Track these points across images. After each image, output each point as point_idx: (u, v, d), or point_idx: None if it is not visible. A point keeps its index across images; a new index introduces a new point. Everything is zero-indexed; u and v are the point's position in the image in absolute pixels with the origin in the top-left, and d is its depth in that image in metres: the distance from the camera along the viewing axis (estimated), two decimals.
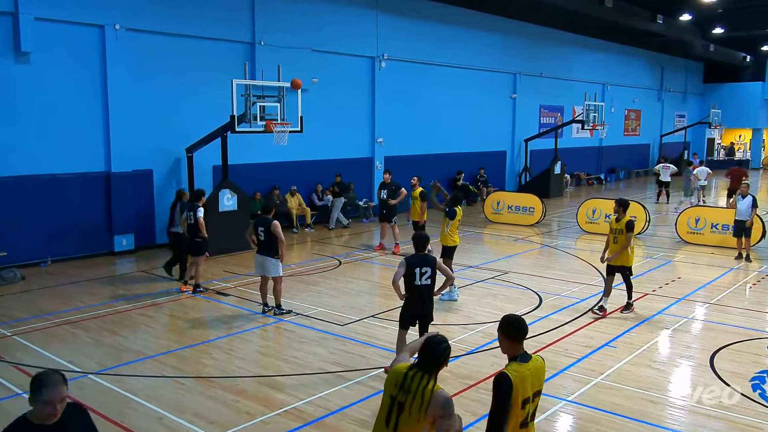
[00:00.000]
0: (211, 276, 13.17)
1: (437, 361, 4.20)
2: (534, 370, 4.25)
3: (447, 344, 4.27)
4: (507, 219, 20.38)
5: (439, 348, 4.22)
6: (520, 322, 4.38)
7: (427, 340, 4.28)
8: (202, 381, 7.90)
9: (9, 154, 13.64)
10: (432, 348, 4.21)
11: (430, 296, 7.93)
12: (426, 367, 4.19)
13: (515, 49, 26.66)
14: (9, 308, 11.03)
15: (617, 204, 10.94)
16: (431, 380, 4.14)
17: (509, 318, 4.39)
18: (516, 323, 4.35)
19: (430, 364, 4.19)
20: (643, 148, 38.40)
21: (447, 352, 4.24)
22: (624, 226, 10.58)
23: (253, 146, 16.77)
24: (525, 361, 4.26)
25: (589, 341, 9.30)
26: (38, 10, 13.54)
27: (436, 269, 7.86)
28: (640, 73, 36.56)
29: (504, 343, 4.34)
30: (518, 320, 4.39)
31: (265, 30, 17.56)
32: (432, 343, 4.24)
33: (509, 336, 4.31)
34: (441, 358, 4.20)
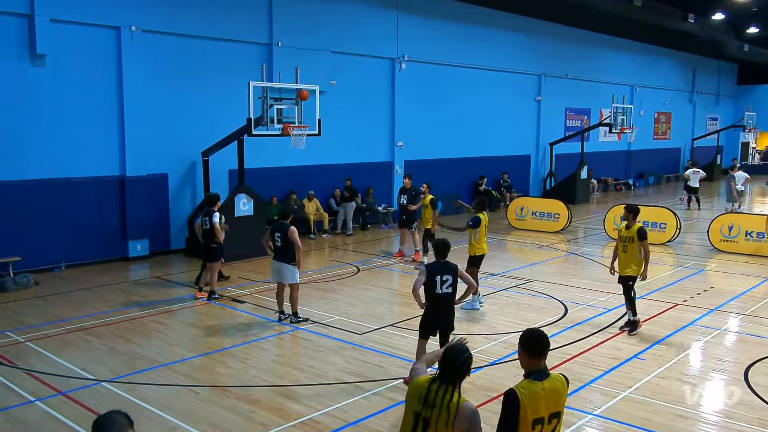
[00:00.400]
0: (227, 282, 13.04)
1: (459, 372, 4.04)
2: (550, 391, 4.02)
3: (468, 353, 4.11)
4: (531, 225, 19.98)
5: (460, 358, 4.05)
6: (541, 336, 4.16)
7: (446, 351, 4.13)
8: (217, 390, 7.82)
9: (24, 158, 13.59)
10: (452, 358, 4.05)
11: (451, 305, 7.79)
12: (448, 378, 4.03)
13: (540, 50, 26.21)
14: (22, 314, 11.03)
15: (626, 210, 10.26)
16: (455, 392, 3.98)
17: (530, 332, 4.20)
18: (536, 338, 4.14)
19: (452, 376, 4.03)
20: (673, 152, 37.63)
21: (468, 362, 4.08)
22: (636, 234, 9.82)
23: (270, 150, 16.60)
24: (540, 379, 4.04)
25: (616, 353, 9.05)
26: (54, 12, 13.49)
27: (457, 277, 7.71)
28: (670, 75, 35.86)
29: (522, 358, 4.15)
30: (539, 335, 4.16)
31: (282, 31, 17.35)
32: (452, 353, 4.08)
33: (528, 351, 4.11)
34: (462, 368, 4.04)
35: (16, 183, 13.48)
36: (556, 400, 4.07)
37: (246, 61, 16.64)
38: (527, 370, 4.10)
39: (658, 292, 12.50)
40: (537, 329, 4.25)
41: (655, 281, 13.33)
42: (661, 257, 16.20)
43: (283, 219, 10.46)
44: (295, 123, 14.30)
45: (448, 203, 22.62)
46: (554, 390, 4.05)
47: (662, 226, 17.64)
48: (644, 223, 17.71)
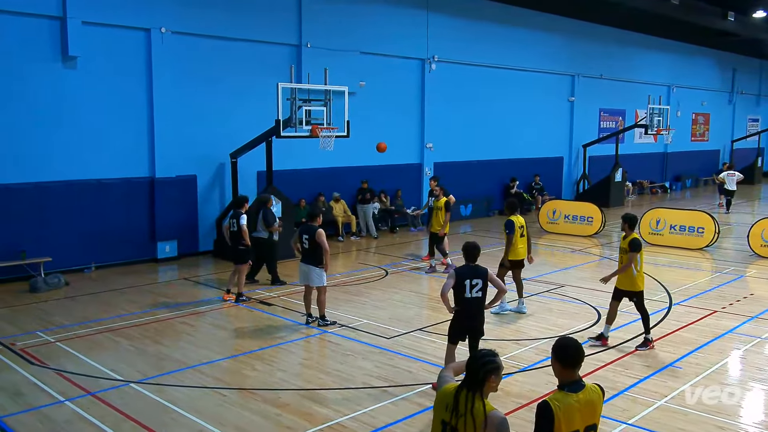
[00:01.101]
0: (255, 285, 13.06)
1: (479, 377, 3.91)
2: (585, 402, 3.91)
3: (490, 358, 3.97)
4: (563, 229, 19.63)
5: (479, 362, 3.95)
6: (575, 346, 4.02)
7: (470, 356, 4.07)
8: (244, 393, 7.82)
9: (55, 159, 13.76)
10: (474, 363, 3.96)
11: (481, 310, 7.69)
12: (472, 385, 3.92)
13: (574, 50, 25.82)
14: (53, 314, 11.16)
15: (623, 220, 9.77)
16: (479, 399, 3.88)
17: (563, 341, 4.09)
18: (569, 347, 4.01)
19: (474, 382, 3.92)
20: (712, 154, 36.77)
21: (489, 367, 3.92)
22: (627, 245, 9.30)
23: (299, 151, 16.55)
24: (574, 390, 3.92)
25: (651, 361, 8.87)
26: (85, 15, 13.64)
27: (487, 281, 7.60)
28: (709, 75, 35.06)
29: (556, 368, 4.04)
30: (572, 344, 4.03)
31: (311, 32, 17.33)
32: (474, 358, 4.01)
33: (561, 361, 4.00)
34: (481, 373, 3.90)
35: (48, 184, 13.63)
36: (592, 412, 3.95)
37: (275, 62, 16.64)
38: (561, 381, 3.97)
39: (696, 298, 12.17)
40: (570, 338, 4.13)
41: (693, 287, 13.04)
42: (699, 263, 15.79)
43: (312, 221, 10.41)
44: (323, 124, 14.27)
45: (478, 206, 22.40)
46: (589, 402, 3.93)
47: (700, 231, 17.16)
48: (681, 228, 17.35)
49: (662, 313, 11.09)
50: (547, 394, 7.72)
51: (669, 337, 9.84)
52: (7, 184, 13.12)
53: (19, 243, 13.16)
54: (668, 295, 12.24)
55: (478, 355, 4.01)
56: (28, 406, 7.38)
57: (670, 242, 17.37)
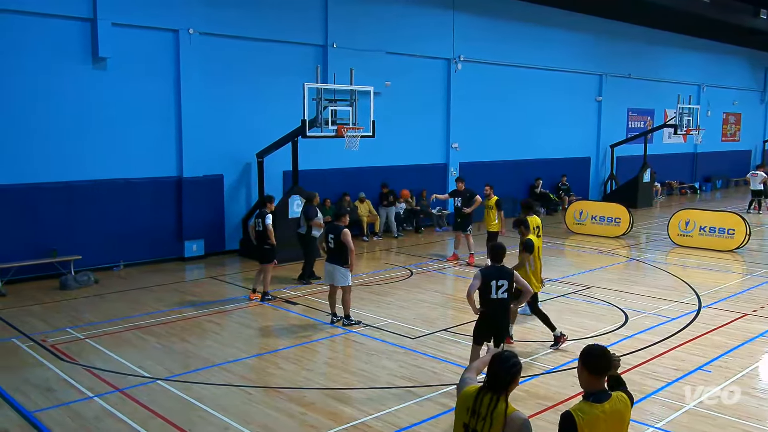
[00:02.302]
0: (280, 284, 13.07)
1: (505, 381, 3.88)
2: (611, 413, 3.78)
3: (515, 360, 3.95)
4: (590, 230, 19.41)
5: (506, 365, 3.90)
6: (604, 354, 3.93)
7: (493, 358, 4.00)
8: (269, 391, 7.87)
9: (85, 158, 13.95)
10: (498, 366, 3.91)
11: (506, 311, 7.69)
12: (495, 387, 3.88)
13: (601, 49, 25.52)
14: (82, 311, 11.34)
15: (514, 224, 9.88)
16: (503, 402, 3.84)
17: (593, 349, 3.97)
18: (599, 356, 3.91)
19: (499, 384, 3.87)
20: (743, 154, 36.08)
21: (515, 369, 3.91)
22: (521, 246, 9.39)
23: (324, 151, 16.58)
24: (600, 401, 3.81)
25: (680, 364, 8.74)
26: (115, 16, 13.81)
27: (513, 282, 7.59)
28: (740, 74, 34.41)
29: (583, 376, 3.93)
30: (602, 351, 3.94)
31: (337, 32, 17.36)
32: (499, 360, 3.94)
33: (589, 368, 3.89)
34: (509, 376, 3.88)
35: (78, 183, 13.84)
36: (619, 423, 3.84)
37: (301, 62, 16.70)
38: (586, 391, 3.88)
39: (726, 301, 11.95)
40: (600, 345, 4.02)
41: (722, 290, 12.81)
42: (729, 265, 15.52)
43: (338, 221, 10.45)
44: (349, 124, 14.30)
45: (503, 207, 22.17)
46: (616, 411, 3.81)
47: (730, 232, 16.86)
48: (711, 229, 17.07)
49: (691, 315, 10.92)
50: (572, 398, 7.74)
51: (698, 340, 9.69)
52: (39, 184, 13.35)
53: (50, 241, 13.38)
54: (697, 298, 12.05)
55: (503, 357, 3.95)
56: (58, 401, 7.50)
57: (700, 244, 17.09)
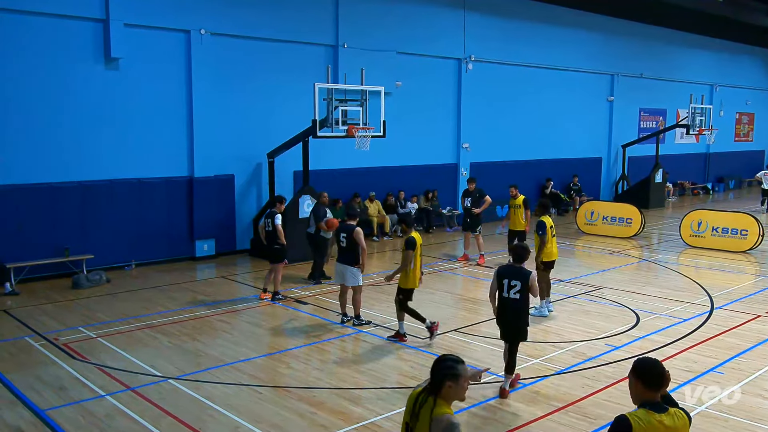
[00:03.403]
0: (291, 284, 13.10)
1: (436, 381, 3.79)
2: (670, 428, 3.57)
3: (449, 363, 3.83)
4: (602, 230, 19.31)
5: (439, 366, 3.84)
6: (663, 369, 3.76)
7: (435, 359, 3.93)
8: (279, 391, 7.88)
9: (97, 158, 14.04)
10: (434, 366, 3.86)
11: (518, 312, 7.64)
12: (431, 388, 3.83)
13: (613, 49, 25.39)
14: (94, 310, 11.40)
15: (397, 222, 9.95)
16: (436, 403, 3.76)
17: (649, 363, 3.79)
18: (656, 370, 3.74)
19: (433, 385, 3.81)
20: (756, 154, 35.81)
21: (448, 372, 3.78)
22: (403, 243, 9.60)
23: (335, 151, 16.60)
24: (657, 411, 3.61)
25: (692, 365, 8.66)
26: (128, 17, 13.90)
27: (528, 285, 7.55)
28: (753, 73, 34.15)
29: (637, 388, 3.75)
30: (659, 367, 3.77)
31: (348, 32, 17.38)
32: (436, 361, 3.90)
33: (645, 382, 3.72)
34: (439, 376, 3.78)
35: (90, 183, 13.94)
36: None
37: (312, 62, 16.74)
38: (641, 401, 3.71)
39: (739, 302, 11.85)
40: (655, 359, 3.88)
41: (735, 291, 12.70)
42: (742, 266, 15.40)
43: (350, 220, 10.45)
44: (359, 125, 14.30)
45: None
46: (674, 429, 3.60)
47: (743, 233, 16.72)
48: (723, 230, 16.95)
49: (703, 317, 10.85)
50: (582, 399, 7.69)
51: (710, 341, 9.61)
52: (52, 183, 13.45)
53: (63, 240, 13.48)
54: (710, 299, 11.97)
55: (440, 359, 3.90)
56: (70, 399, 7.55)
57: (712, 245, 16.97)
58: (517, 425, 6.93)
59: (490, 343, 9.54)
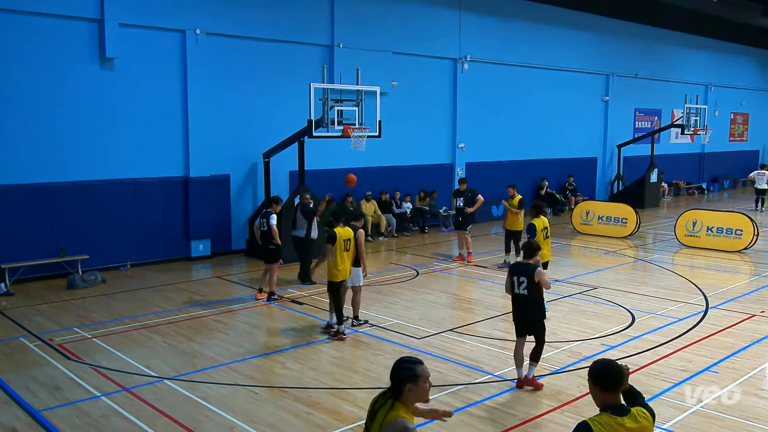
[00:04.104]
0: (287, 284, 13.09)
1: (395, 383, 3.74)
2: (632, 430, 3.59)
3: (408, 365, 3.78)
4: (597, 230, 19.34)
5: (397, 368, 3.80)
6: (617, 370, 3.74)
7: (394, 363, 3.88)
8: (275, 391, 7.87)
9: (93, 158, 14.02)
10: (393, 369, 3.82)
11: (528, 306, 7.84)
12: (391, 391, 3.77)
13: (608, 49, 25.44)
14: (90, 310, 11.37)
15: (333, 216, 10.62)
16: (392, 406, 3.71)
17: (603, 366, 3.77)
18: (611, 372, 3.73)
19: (392, 387, 3.76)
20: (751, 154, 35.88)
21: (404, 374, 3.74)
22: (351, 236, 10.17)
23: (331, 151, 16.56)
24: (619, 413, 3.63)
25: (687, 365, 8.69)
26: (123, 17, 13.88)
27: (534, 279, 7.72)
28: (748, 73, 34.25)
29: (596, 394, 3.75)
30: (614, 368, 3.75)
31: (344, 32, 17.38)
32: (395, 363, 3.85)
33: (602, 386, 3.71)
34: (397, 378, 3.74)
35: (86, 183, 13.90)
36: None
37: (307, 62, 16.71)
38: (603, 405, 3.71)
39: (734, 302, 11.89)
40: (609, 360, 3.87)
41: (730, 291, 12.74)
42: (737, 265, 15.44)
43: (355, 221, 10.43)
44: (355, 124, 14.29)
45: None
46: (639, 430, 3.61)
47: (738, 233, 16.77)
48: (718, 230, 17.00)
49: (698, 316, 10.87)
50: (579, 398, 7.70)
51: (705, 341, 9.64)
52: (48, 183, 13.42)
53: (59, 240, 13.45)
54: (705, 299, 12.00)
55: (399, 361, 3.85)
56: (65, 400, 7.54)
57: (707, 244, 17.02)
58: (513, 425, 6.94)
59: (485, 343, 9.56)
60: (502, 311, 11.33)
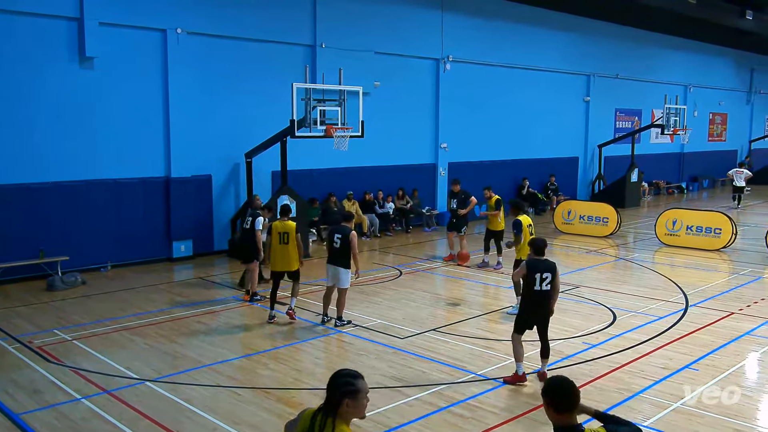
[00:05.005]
0: (269, 284, 12.90)
1: (333, 400, 3.47)
2: None
3: (348, 380, 3.53)
4: (578, 230, 19.47)
5: (336, 382, 3.52)
6: (571, 389, 3.56)
7: (332, 375, 3.60)
8: (258, 392, 7.83)
9: (73, 159, 13.85)
10: (331, 383, 3.53)
11: (547, 302, 7.98)
12: (327, 408, 3.50)
13: (589, 49, 25.61)
14: (70, 312, 11.24)
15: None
16: (334, 426, 3.45)
17: (557, 384, 3.59)
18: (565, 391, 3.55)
19: (330, 404, 3.49)
20: (729, 154, 36.32)
21: (344, 389, 3.48)
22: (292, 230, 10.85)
23: (313, 151, 16.53)
24: None
25: (667, 362, 8.76)
26: (103, 16, 13.72)
27: (556, 276, 7.96)
28: (726, 74, 34.63)
29: (549, 413, 3.57)
30: (568, 387, 3.57)
31: (326, 32, 17.33)
32: (333, 377, 3.56)
33: (555, 406, 3.54)
34: (337, 395, 3.47)
35: (66, 184, 13.74)
36: None
37: (290, 62, 16.63)
38: (556, 427, 3.54)
39: (713, 300, 12.03)
40: (562, 377, 3.67)
41: (709, 289, 12.88)
42: (716, 264, 15.62)
43: (346, 222, 10.39)
44: (338, 124, 14.26)
45: None
46: None
47: (717, 232, 16.98)
48: (698, 229, 17.20)
49: (678, 314, 10.98)
50: None
51: (685, 338, 9.73)
52: (27, 184, 13.24)
53: (38, 242, 13.28)
54: (684, 297, 12.13)
55: (337, 374, 3.59)
56: (45, 403, 7.45)
57: (687, 243, 17.20)
58: (495, 423, 6.96)
59: (468, 343, 9.59)
60: (485, 310, 11.40)
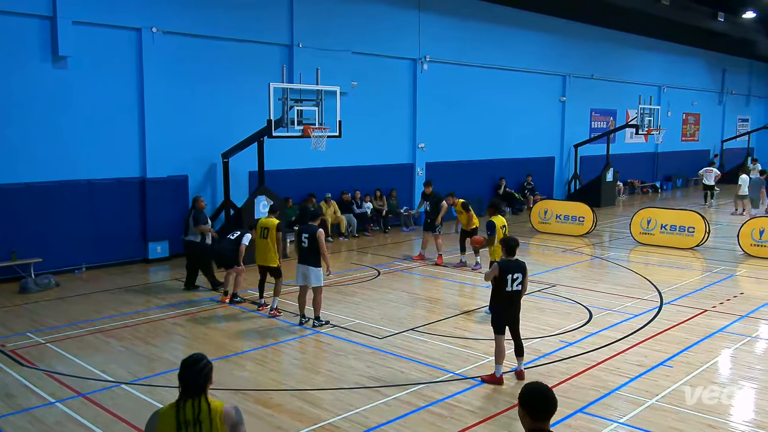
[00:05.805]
0: (247, 285, 12.90)
1: (199, 383, 3.87)
2: None
3: (204, 362, 3.93)
4: (555, 229, 19.63)
5: (195, 368, 3.88)
6: (549, 396, 3.53)
7: (182, 365, 3.93)
8: (235, 393, 7.78)
9: (46, 159, 13.65)
10: (188, 371, 3.88)
11: (518, 302, 8.13)
12: (192, 392, 3.84)
13: (565, 50, 25.83)
14: (43, 315, 11.10)
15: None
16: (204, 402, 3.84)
17: (534, 391, 3.55)
18: (542, 398, 3.52)
19: (195, 389, 3.86)
20: (702, 154, 36.88)
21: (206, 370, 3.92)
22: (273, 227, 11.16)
23: (290, 151, 16.49)
24: None
25: (642, 360, 8.86)
26: (76, 14, 13.55)
27: (526, 276, 8.08)
28: (699, 75, 35.18)
29: (525, 420, 3.53)
30: (546, 394, 3.54)
31: (303, 32, 17.28)
32: (186, 365, 3.90)
33: (532, 413, 3.50)
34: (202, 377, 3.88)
35: (38, 184, 13.53)
36: None
37: (267, 62, 16.57)
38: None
39: (686, 297, 12.20)
40: (541, 384, 3.64)
41: (683, 287, 13.05)
42: (689, 262, 15.83)
43: (312, 221, 10.33)
44: (315, 124, 14.25)
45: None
46: None
47: (690, 230, 17.23)
48: (672, 228, 17.44)
49: (653, 312, 11.12)
50: None
51: (660, 336, 9.85)
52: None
53: (10, 243, 13.08)
54: (659, 295, 12.29)
55: (189, 362, 3.92)
56: (18, 407, 7.34)
57: (661, 242, 17.43)
58: (474, 422, 6.99)
59: (446, 342, 9.62)
60: (463, 310, 11.45)
